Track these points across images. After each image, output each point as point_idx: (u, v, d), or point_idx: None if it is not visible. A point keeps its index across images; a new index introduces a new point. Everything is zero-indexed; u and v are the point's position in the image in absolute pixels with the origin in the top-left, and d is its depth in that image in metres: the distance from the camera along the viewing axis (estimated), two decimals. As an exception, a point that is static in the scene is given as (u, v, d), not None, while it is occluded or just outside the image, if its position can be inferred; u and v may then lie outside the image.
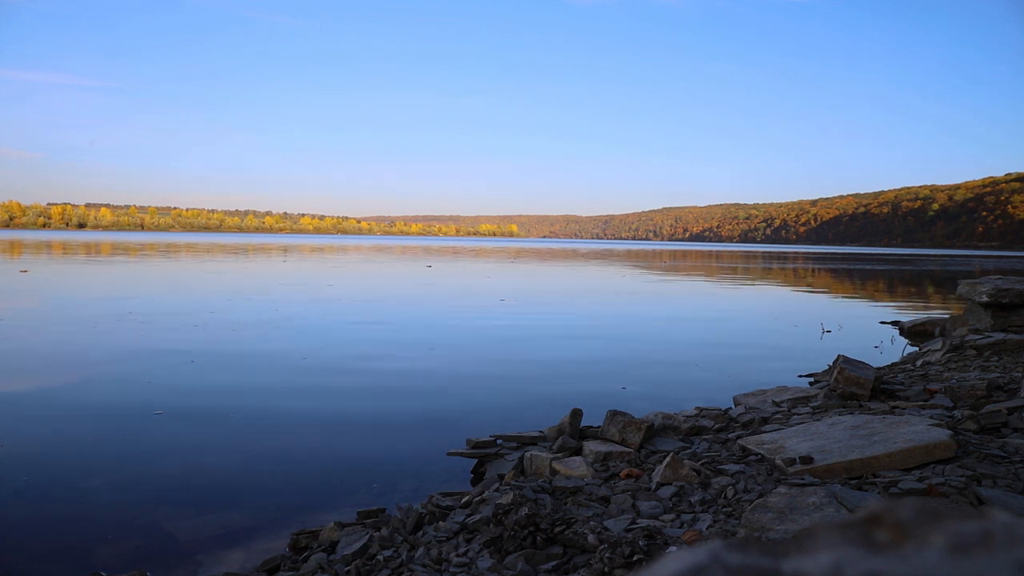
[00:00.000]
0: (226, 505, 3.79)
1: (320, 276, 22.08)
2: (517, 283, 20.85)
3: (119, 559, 3.19)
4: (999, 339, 7.08)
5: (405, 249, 65.06)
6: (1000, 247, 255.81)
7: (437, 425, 5.34)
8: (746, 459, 3.63)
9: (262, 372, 7.12)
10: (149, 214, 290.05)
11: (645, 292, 18.89)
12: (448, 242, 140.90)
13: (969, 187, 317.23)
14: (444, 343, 9.15)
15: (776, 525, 2.57)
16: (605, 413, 4.16)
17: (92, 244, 55.92)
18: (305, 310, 12.43)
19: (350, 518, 3.50)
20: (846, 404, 4.69)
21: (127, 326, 9.88)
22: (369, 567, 2.82)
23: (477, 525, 2.97)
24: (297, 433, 5.08)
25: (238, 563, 3.19)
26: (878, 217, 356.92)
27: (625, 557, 2.38)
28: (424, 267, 29.53)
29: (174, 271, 23.46)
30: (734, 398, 5.67)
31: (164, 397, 5.94)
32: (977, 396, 4.61)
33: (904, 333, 10.61)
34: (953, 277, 29.55)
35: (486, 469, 4.22)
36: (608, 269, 32.26)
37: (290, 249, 53.84)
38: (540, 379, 7.12)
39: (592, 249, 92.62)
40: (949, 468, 3.14)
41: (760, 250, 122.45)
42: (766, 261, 51.70)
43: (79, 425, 5.13)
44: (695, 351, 9.00)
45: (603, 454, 3.82)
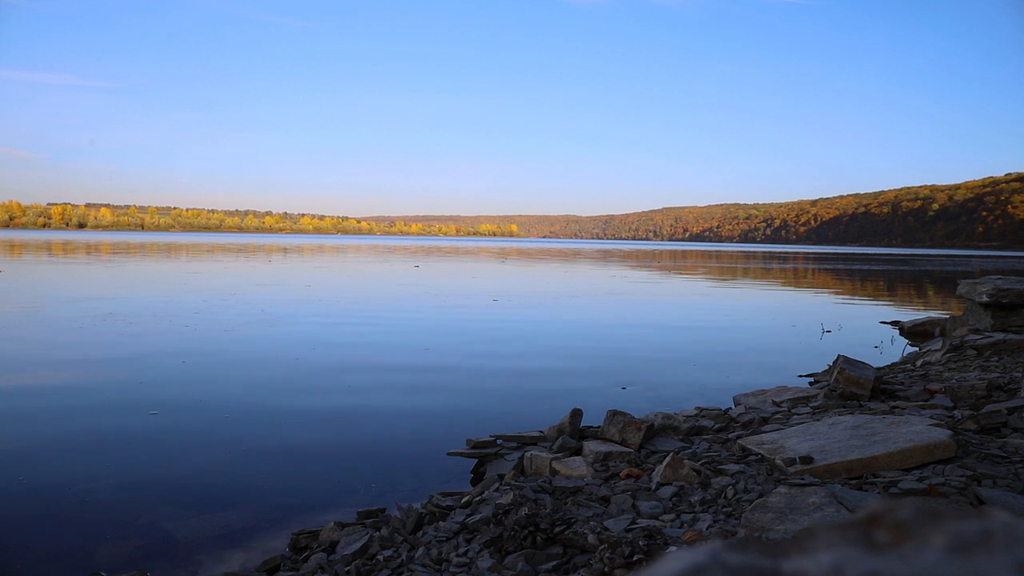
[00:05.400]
0: (226, 505, 3.78)
1: (301, 277, 21.58)
2: (507, 283, 20.76)
3: (119, 559, 3.19)
4: (999, 339, 7.08)
5: (395, 249, 64.82)
6: (1000, 247, 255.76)
7: (437, 425, 5.34)
8: (746, 459, 3.63)
9: (255, 373, 7.11)
10: (149, 214, 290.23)
11: (644, 292, 18.88)
12: (446, 242, 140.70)
13: (969, 187, 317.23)
14: (438, 344, 9.12)
15: (776, 525, 2.57)
16: (605, 413, 4.16)
17: (80, 244, 55.49)
18: (287, 311, 12.20)
19: (350, 518, 3.50)
20: (846, 404, 4.69)
21: (109, 327, 9.80)
22: (369, 567, 2.82)
23: (477, 525, 2.97)
24: (296, 433, 5.08)
25: (238, 563, 3.19)
26: (878, 217, 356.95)
27: (625, 557, 2.38)
28: (412, 267, 29.32)
29: (152, 272, 22.88)
30: (734, 398, 5.67)
31: (158, 397, 5.93)
32: (977, 396, 4.61)
33: (904, 333, 10.61)
34: (953, 277, 29.56)
35: (486, 469, 4.22)
36: (603, 269, 32.25)
37: (285, 249, 53.64)
38: (540, 379, 7.11)
39: (592, 249, 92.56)
40: (949, 468, 3.14)
41: (760, 250, 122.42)
42: (766, 261, 51.69)
43: (75, 425, 5.13)
44: (695, 351, 9.00)
45: (603, 454, 3.82)
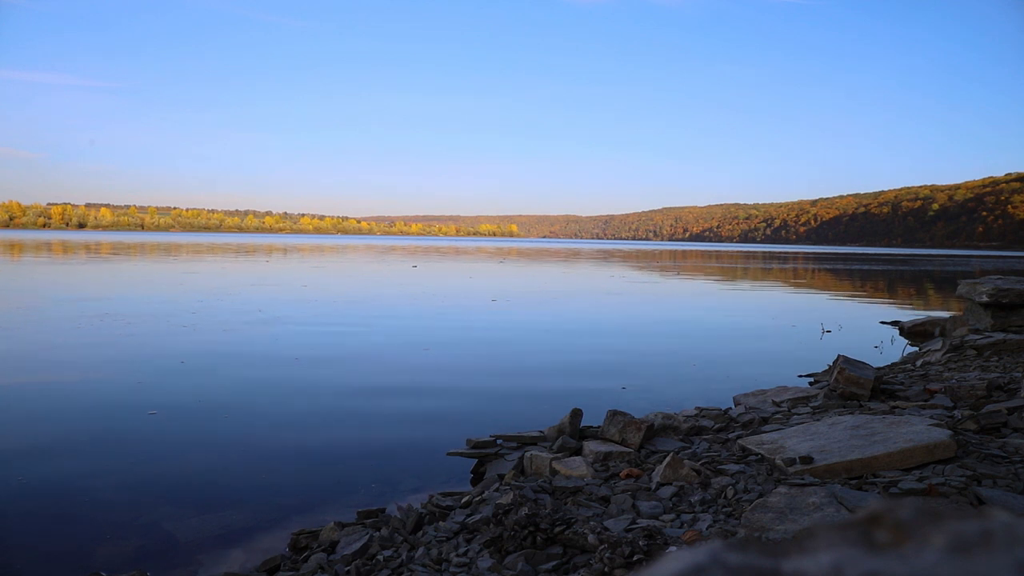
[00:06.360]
0: (226, 505, 3.78)
1: (298, 277, 21.48)
2: (506, 284, 20.74)
3: (119, 559, 3.19)
4: (999, 339, 7.08)
5: (394, 249, 64.71)
6: (1000, 247, 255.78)
7: (437, 425, 5.34)
8: (746, 459, 3.62)
9: (254, 373, 7.10)
10: (149, 214, 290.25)
11: (644, 292, 18.88)
12: (446, 242, 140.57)
13: (969, 187, 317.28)
14: (438, 344, 9.11)
15: (776, 525, 2.57)
16: (605, 413, 4.16)
17: (79, 244, 55.39)
18: (285, 312, 12.16)
19: (350, 518, 3.50)
20: (846, 404, 4.69)
21: (107, 327, 9.81)
22: (369, 567, 2.82)
23: (477, 525, 2.97)
24: (296, 433, 5.08)
25: (238, 563, 3.19)
26: (878, 217, 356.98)
27: (625, 557, 2.38)
28: (409, 268, 29.27)
29: (151, 272, 22.79)
30: (734, 398, 5.67)
31: (157, 397, 5.93)
32: (977, 396, 4.61)
33: (904, 333, 10.60)
34: (953, 277, 29.55)
35: (486, 469, 4.22)
36: (603, 269, 32.24)
37: (284, 249, 53.58)
38: (540, 379, 7.11)
39: (592, 249, 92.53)
40: (949, 468, 3.14)
41: (760, 250, 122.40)
42: (766, 261, 51.69)
43: (75, 425, 5.12)
44: (695, 351, 9.00)
45: (603, 454, 3.82)
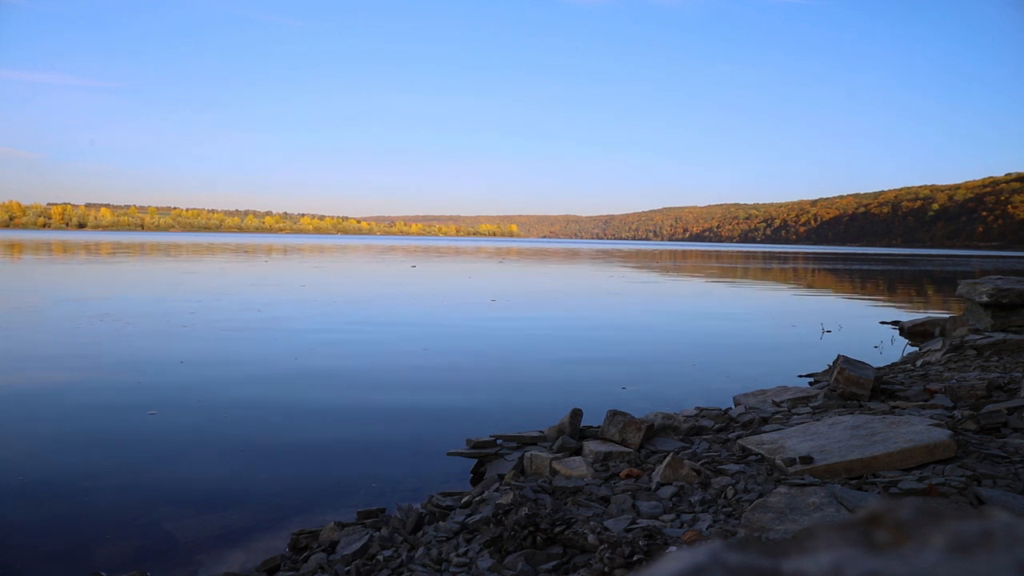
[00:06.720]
0: (226, 505, 3.78)
1: (297, 277, 21.42)
2: (505, 284, 20.73)
3: (119, 559, 3.19)
4: (999, 339, 7.08)
5: (394, 249, 64.67)
6: (1000, 247, 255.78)
7: (437, 425, 5.34)
8: (746, 459, 3.62)
9: (253, 372, 7.10)
10: (149, 214, 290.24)
11: (644, 292, 18.88)
12: (445, 242, 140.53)
13: (969, 187, 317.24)
14: (438, 344, 9.11)
15: (776, 525, 2.57)
16: (605, 413, 4.16)
17: (79, 244, 55.40)
18: (284, 312, 12.14)
19: (350, 518, 3.50)
20: (846, 404, 4.69)
21: (107, 327, 9.81)
22: (369, 567, 2.82)
23: (477, 525, 2.97)
24: (296, 433, 5.08)
25: (238, 563, 3.19)
26: (878, 217, 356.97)
27: (625, 557, 2.38)
28: (408, 268, 29.22)
29: (150, 272, 22.72)
30: (734, 398, 5.67)
31: (157, 397, 5.93)
32: (977, 396, 4.61)
33: (904, 333, 10.60)
34: (953, 277, 29.56)
35: (486, 469, 4.22)
36: (602, 269, 32.24)
37: (284, 249, 53.53)
38: (540, 379, 7.11)
39: (592, 249, 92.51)
40: (949, 468, 3.14)
41: (760, 250, 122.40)
42: (766, 261, 51.69)
43: (74, 425, 5.13)
44: (695, 351, 9.00)
45: (603, 454, 3.82)
